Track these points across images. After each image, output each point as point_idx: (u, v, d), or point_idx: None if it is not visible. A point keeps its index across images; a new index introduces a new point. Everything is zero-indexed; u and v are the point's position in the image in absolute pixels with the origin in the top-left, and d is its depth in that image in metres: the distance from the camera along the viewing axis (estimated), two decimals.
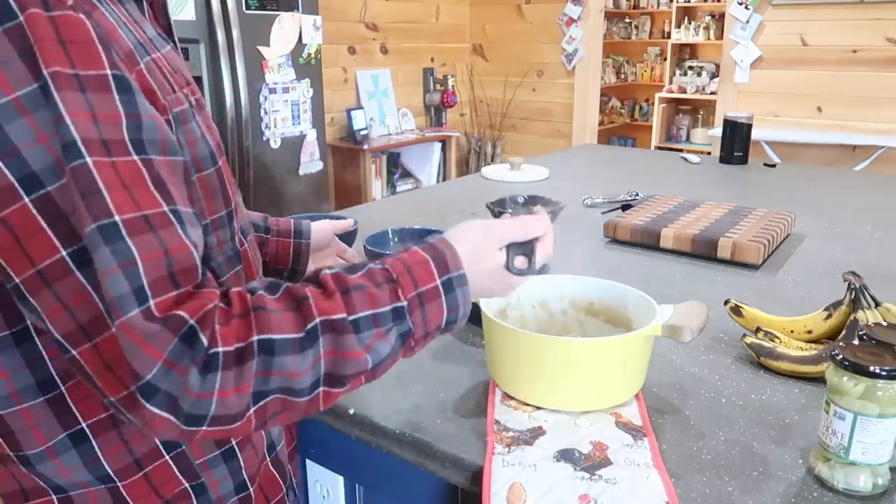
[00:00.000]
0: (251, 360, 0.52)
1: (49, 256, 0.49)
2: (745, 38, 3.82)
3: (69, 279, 0.50)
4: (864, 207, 1.76)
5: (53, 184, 0.49)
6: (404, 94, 4.64)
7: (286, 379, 0.54)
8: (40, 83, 0.48)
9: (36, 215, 0.49)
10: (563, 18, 4.61)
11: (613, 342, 0.76)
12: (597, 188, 1.91)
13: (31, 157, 0.48)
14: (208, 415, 0.51)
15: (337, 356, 0.56)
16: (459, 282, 0.63)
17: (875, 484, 0.66)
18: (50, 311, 0.50)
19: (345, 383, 0.58)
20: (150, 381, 0.49)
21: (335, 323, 0.56)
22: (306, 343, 0.54)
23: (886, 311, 0.89)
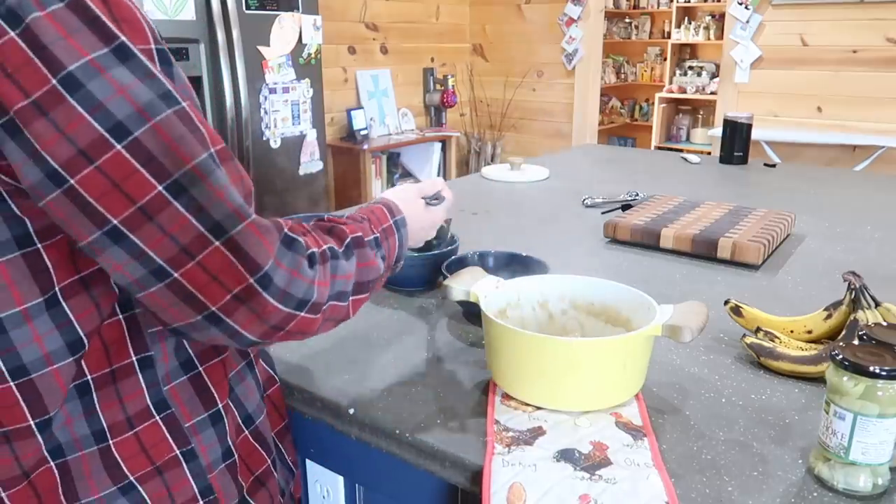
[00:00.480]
0: (327, 261, 0.66)
1: (147, 193, 0.55)
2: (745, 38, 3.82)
3: (170, 209, 0.55)
4: (864, 207, 1.76)
5: (139, 129, 0.54)
6: (404, 94, 4.65)
7: (341, 282, 0.68)
8: (111, 47, 0.54)
9: (129, 159, 0.54)
10: (563, 18, 4.61)
11: (613, 342, 0.76)
12: (597, 188, 1.91)
13: (116, 108, 0.54)
14: (310, 300, 0.62)
15: (363, 265, 0.73)
16: (402, 223, 0.84)
17: (875, 484, 0.66)
18: (152, 242, 0.56)
19: (367, 289, 0.74)
20: (268, 271, 0.58)
21: (358, 239, 0.73)
22: (348, 252, 0.70)
23: (886, 311, 0.89)
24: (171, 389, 0.68)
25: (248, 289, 0.58)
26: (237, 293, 0.57)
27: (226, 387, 0.73)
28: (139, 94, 0.55)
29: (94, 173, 0.54)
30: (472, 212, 1.68)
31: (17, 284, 0.60)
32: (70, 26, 0.53)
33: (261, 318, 0.59)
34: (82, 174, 0.54)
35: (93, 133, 0.53)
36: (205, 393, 0.71)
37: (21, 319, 0.60)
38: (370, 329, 1.02)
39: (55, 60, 0.53)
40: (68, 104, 0.53)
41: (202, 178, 0.56)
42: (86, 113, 0.53)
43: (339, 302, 0.68)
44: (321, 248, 0.66)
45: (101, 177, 0.54)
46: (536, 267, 1.12)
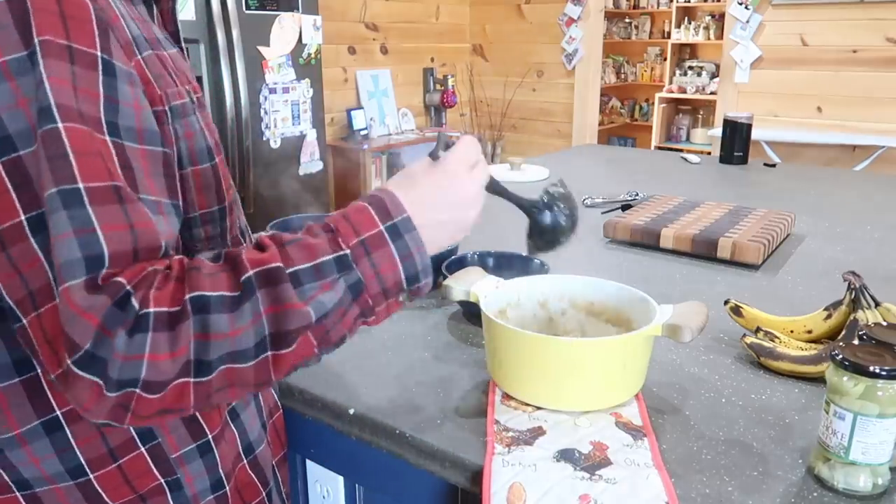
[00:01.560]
0: (186, 321, 0.50)
1: (8, 219, 0.49)
2: (745, 38, 3.82)
3: (24, 244, 0.49)
4: (864, 207, 1.76)
5: (25, 149, 0.49)
6: (404, 94, 4.64)
7: (225, 341, 0.51)
8: (29, 51, 0.49)
9: (3, 177, 0.49)
10: (563, 18, 4.61)
11: (613, 342, 0.76)
12: (597, 188, 1.91)
13: (9, 120, 0.49)
14: (138, 379, 0.49)
15: (276, 311, 0.53)
16: (406, 227, 0.60)
17: (875, 484, 0.66)
18: (4, 274, 0.50)
19: (290, 342, 0.54)
20: (88, 349, 0.48)
21: (270, 273, 0.53)
22: (242, 298, 0.52)
23: (886, 311, 0.89)
24: None
25: (66, 372, 0.49)
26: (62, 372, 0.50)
27: (217, 417, 0.70)
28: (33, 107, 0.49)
29: None
30: None
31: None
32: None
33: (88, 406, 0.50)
34: None
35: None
36: (193, 423, 0.67)
37: None
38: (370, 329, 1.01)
39: None
40: None
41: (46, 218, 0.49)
42: None
43: (233, 364, 0.53)
44: (179, 302, 0.51)
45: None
46: (536, 267, 1.12)
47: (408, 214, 0.61)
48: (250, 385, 0.55)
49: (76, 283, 0.48)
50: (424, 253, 0.61)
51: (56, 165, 0.49)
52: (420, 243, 0.61)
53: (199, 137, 0.65)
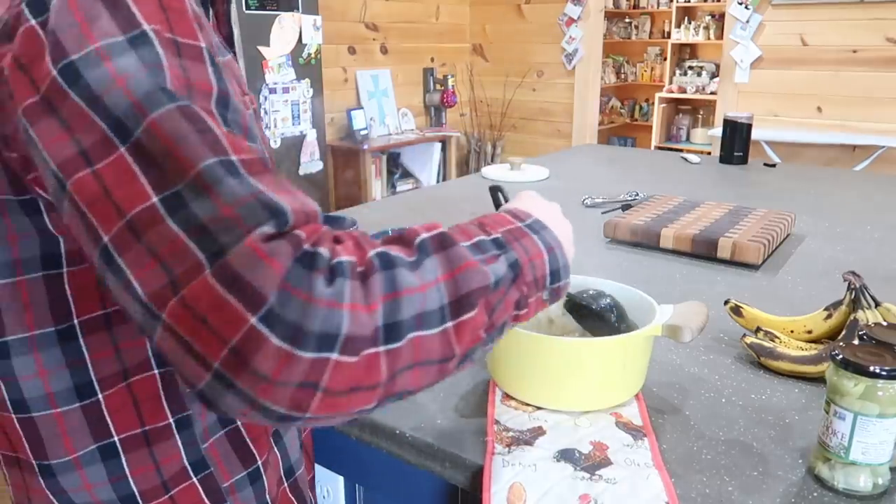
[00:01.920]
0: (374, 274, 0.45)
1: (139, 203, 0.44)
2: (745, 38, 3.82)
3: (161, 226, 0.44)
4: (864, 207, 1.76)
5: (138, 128, 0.45)
6: (404, 94, 4.65)
7: (415, 297, 0.46)
8: (129, 35, 0.47)
9: (130, 163, 0.45)
10: (563, 18, 4.61)
11: (613, 342, 0.76)
12: (597, 188, 1.91)
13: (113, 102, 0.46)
14: (340, 333, 0.43)
15: (455, 274, 0.49)
16: (540, 225, 0.59)
17: (875, 484, 0.66)
18: (140, 268, 0.44)
19: (472, 305, 0.50)
20: (273, 304, 0.41)
21: (442, 237, 0.51)
22: (421, 258, 0.48)
23: (886, 311, 0.89)
24: (209, 447, 0.63)
25: (249, 335, 0.42)
26: (235, 344, 0.42)
27: (265, 442, 0.68)
28: (138, 83, 0.46)
29: (88, 177, 0.46)
30: (472, 212, 1.68)
31: (34, 308, 0.55)
32: (90, 13, 0.47)
33: (274, 377, 0.42)
34: (77, 176, 0.46)
35: (96, 133, 0.46)
36: (243, 448, 0.65)
37: (27, 347, 0.56)
38: None
39: (60, 49, 0.46)
40: (70, 98, 0.46)
41: (206, 189, 0.44)
42: (87, 107, 0.46)
43: (420, 331, 0.47)
44: (363, 254, 0.47)
45: (94, 182, 0.45)
46: None
47: (537, 217, 0.61)
48: (435, 361, 0.49)
49: (262, 230, 0.43)
50: (563, 250, 0.61)
51: (208, 138, 0.46)
52: (557, 240, 0.60)
53: (255, 134, 0.62)
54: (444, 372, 0.51)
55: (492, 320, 0.52)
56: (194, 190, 0.44)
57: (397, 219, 1.60)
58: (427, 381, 0.50)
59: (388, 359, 0.45)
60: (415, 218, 1.62)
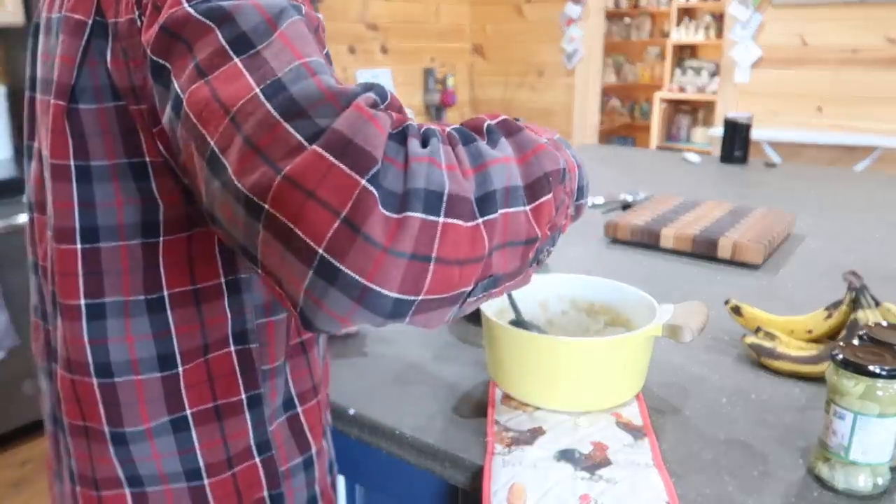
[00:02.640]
0: (458, 145, 0.46)
1: (242, 97, 0.44)
2: (746, 38, 3.82)
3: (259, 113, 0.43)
4: (864, 207, 1.76)
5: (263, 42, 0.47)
6: (404, 94, 4.65)
7: (501, 166, 0.46)
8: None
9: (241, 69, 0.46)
10: (563, 18, 4.61)
11: (613, 342, 0.76)
12: (597, 188, 1.91)
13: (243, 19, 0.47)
14: (444, 192, 0.42)
15: (528, 157, 0.49)
16: (566, 143, 0.58)
17: (875, 484, 0.66)
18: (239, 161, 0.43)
19: (548, 187, 0.49)
20: (380, 166, 0.41)
21: (507, 123, 0.51)
22: (495, 139, 0.49)
23: (886, 311, 0.89)
24: (274, 430, 0.64)
25: (361, 199, 0.40)
26: (346, 214, 0.40)
27: (320, 430, 0.70)
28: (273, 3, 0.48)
29: (202, 87, 0.46)
30: None
31: (131, 274, 0.57)
32: None
33: (388, 244, 0.40)
34: (193, 87, 0.47)
35: (214, 45, 0.47)
36: (301, 435, 0.67)
37: (120, 311, 0.58)
38: (370, 329, 1.01)
39: None
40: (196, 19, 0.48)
41: (310, 75, 0.45)
42: (211, 22, 0.47)
43: (509, 207, 0.46)
44: (444, 132, 0.48)
45: (206, 89, 0.46)
46: None
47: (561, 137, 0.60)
48: (520, 244, 0.48)
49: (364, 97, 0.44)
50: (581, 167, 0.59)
51: (302, 44, 0.47)
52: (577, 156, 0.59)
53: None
54: (525, 257, 0.50)
55: (557, 215, 0.52)
56: (298, 75, 0.44)
57: None
58: (513, 266, 0.49)
59: (486, 230, 0.45)
60: None
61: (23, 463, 2.33)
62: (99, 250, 0.57)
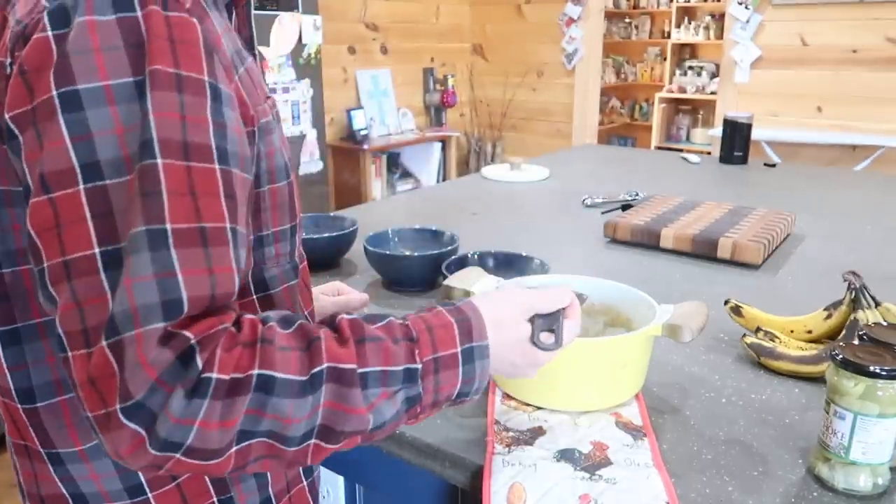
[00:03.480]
0: (245, 394, 0.48)
1: (80, 249, 0.47)
2: (745, 38, 3.82)
3: (92, 278, 0.47)
4: (864, 207, 1.76)
5: (113, 178, 0.48)
6: (404, 94, 4.65)
7: (278, 423, 0.50)
8: (138, 79, 0.48)
9: (84, 204, 0.47)
10: (563, 18, 4.61)
11: (613, 342, 0.76)
12: (597, 188, 1.91)
13: (101, 146, 0.48)
14: (184, 444, 0.48)
15: (337, 409, 0.52)
16: (481, 353, 0.59)
17: (875, 484, 0.66)
18: (64, 305, 0.48)
19: (339, 440, 0.54)
20: (139, 399, 0.46)
21: (343, 373, 0.52)
22: (308, 388, 0.51)
23: (886, 311, 0.89)
24: None
25: (111, 417, 0.46)
26: (106, 412, 0.47)
27: None
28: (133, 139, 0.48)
29: (44, 204, 0.48)
30: (472, 212, 1.68)
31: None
32: (107, 42, 0.48)
33: (125, 455, 0.48)
34: (36, 199, 0.48)
35: (65, 162, 0.48)
36: None
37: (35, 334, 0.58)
38: None
39: (68, 72, 0.48)
40: (56, 122, 0.48)
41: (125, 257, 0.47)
42: (68, 138, 0.48)
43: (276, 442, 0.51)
44: (245, 371, 0.49)
45: (49, 210, 0.48)
46: (536, 267, 1.12)
47: (487, 342, 0.60)
48: (284, 463, 0.53)
49: (151, 329, 0.46)
50: (485, 378, 0.61)
51: (148, 203, 0.47)
52: (485, 371, 0.60)
53: (278, 155, 0.63)
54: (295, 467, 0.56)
55: (366, 441, 0.56)
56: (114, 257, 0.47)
57: (397, 219, 1.60)
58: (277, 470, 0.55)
59: (237, 456, 0.50)
60: (415, 218, 1.62)
61: None
62: (2, 276, 0.57)
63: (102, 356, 0.46)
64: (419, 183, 4.56)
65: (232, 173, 0.52)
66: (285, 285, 0.68)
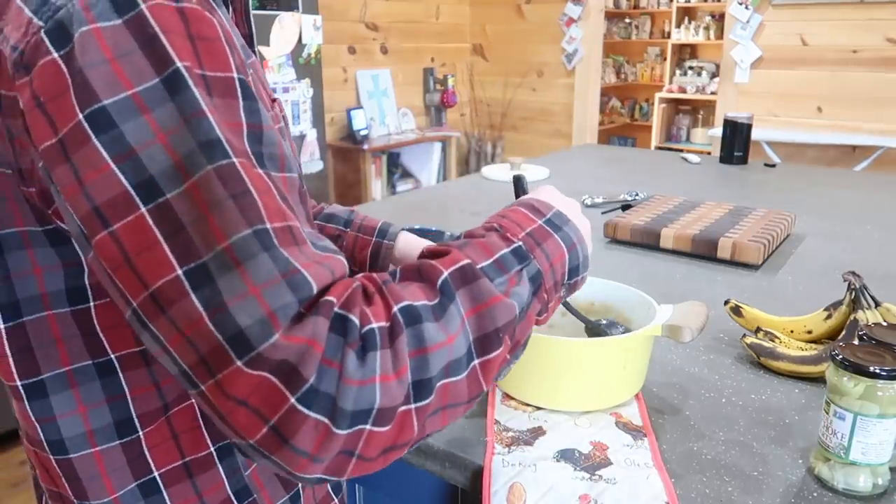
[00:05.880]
0: (401, 333, 0.46)
1: (163, 275, 0.43)
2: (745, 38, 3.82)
3: (185, 302, 0.42)
4: (864, 207, 1.76)
5: (173, 191, 0.43)
6: (404, 94, 4.65)
7: (442, 351, 0.47)
8: (164, 76, 0.43)
9: (152, 227, 0.43)
10: (563, 18, 4.61)
11: (613, 342, 0.76)
12: (597, 188, 1.91)
13: (150, 160, 0.43)
14: (373, 408, 0.43)
15: (480, 310, 0.49)
16: (561, 220, 0.59)
17: (875, 484, 0.66)
18: (171, 340, 0.43)
19: (499, 343, 0.50)
20: (313, 383, 0.42)
21: (464, 271, 0.50)
22: (445, 301, 0.48)
23: (886, 311, 0.89)
24: (252, 474, 0.61)
25: (288, 415, 0.42)
26: (275, 424, 0.42)
27: None
28: (182, 141, 0.43)
29: (107, 239, 0.43)
30: (472, 212, 1.68)
31: (67, 342, 0.53)
32: (120, 48, 0.43)
33: (313, 453, 0.43)
34: (98, 237, 0.44)
35: (115, 188, 0.43)
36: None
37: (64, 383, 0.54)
38: None
39: (89, 90, 0.43)
40: (92, 147, 0.43)
41: (235, 265, 0.42)
42: (111, 161, 0.43)
43: (448, 378, 0.48)
44: (389, 315, 0.46)
45: (114, 246, 0.43)
46: None
47: (558, 209, 0.60)
48: (463, 402, 0.50)
49: (288, 317, 0.43)
50: (584, 244, 0.60)
51: (244, 203, 0.43)
52: (579, 234, 0.60)
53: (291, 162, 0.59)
54: (471, 406, 0.52)
55: (515, 342, 0.53)
56: (223, 265, 0.42)
57: (397, 219, 1.60)
58: (455, 418, 0.51)
59: (418, 414, 0.47)
60: (415, 218, 1.62)
61: (22, 463, 2.33)
62: (24, 325, 0.53)
63: (242, 378, 0.42)
64: (419, 183, 4.56)
65: (272, 177, 0.48)
66: None
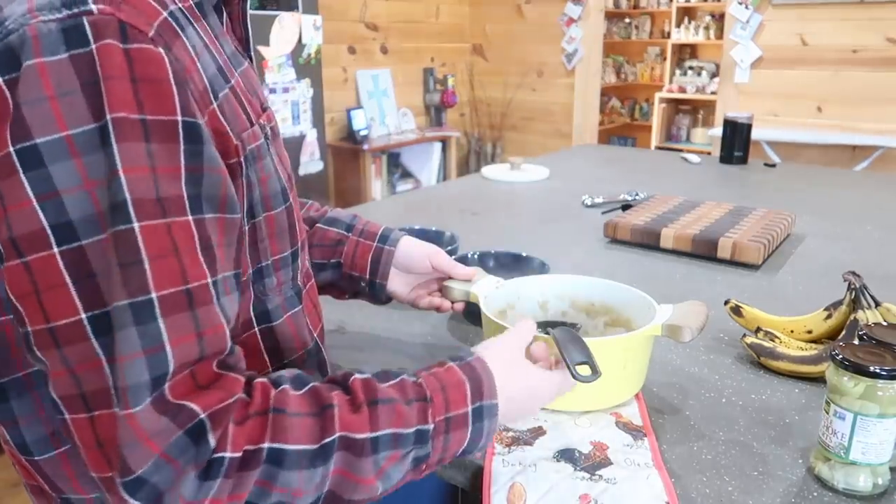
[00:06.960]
0: (256, 468, 0.47)
1: (66, 316, 0.45)
2: (745, 38, 3.81)
3: (84, 345, 0.45)
4: (864, 207, 1.76)
5: (89, 238, 0.45)
6: (404, 94, 4.65)
7: (286, 496, 0.49)
8: (100, 124, 0.44)
9: (62, 269, 0.45)
10: (563, 18, 4.61)
11: (613, 342, 0.76)
12: (597, 188, 1.91)
13: (72, 204, 0.44)
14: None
15: (346, 477, 0.52)
16: (490, 412, 0.60)
17: (875, 484, 0.66)
18: (54, 370, 0.46)
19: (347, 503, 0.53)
20: (141, 475, 0.44)
21: (355, 442, 0.52)
22: (318, 458, 0.50)
23: (886, 311, 0.89)
24: None
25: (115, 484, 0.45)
26: (109, 477, 0.46)
27: None
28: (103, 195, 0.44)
29: (19, 268, 0.45)
30: (472, 212, 1.68)
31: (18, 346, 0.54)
32: (62, 86, 0.44)
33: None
34: (10, 263, 0.45)
35: (33, 224, 0.44)
36: None
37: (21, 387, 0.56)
38: (370, 329, 1.01)
39: (24, 126, 0.43)
40: (18, 181, 0.44)
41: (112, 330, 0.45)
42: (34, 198, 0.44)
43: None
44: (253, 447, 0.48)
45: (25, 276, 0.45)
46: (536, 267, 1.12)
47: (496, 401, 0.60)
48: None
49: (143, 408, 0.44)
50: (491, 436, 0.61)
51: (129, 273, 0.45)
52: (493, 429, 0.61)
53: (273, 180, 0.60)
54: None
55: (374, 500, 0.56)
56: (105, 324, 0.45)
57: (397, 219, 1.60)
58: None
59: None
60: (415, 218, 1.62)
61: None
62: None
63: (110, 422, 0.45)
64: (419, 183, 4.56)
65: (205, 221, 0.49)
66: (288, 314, 0.66)
